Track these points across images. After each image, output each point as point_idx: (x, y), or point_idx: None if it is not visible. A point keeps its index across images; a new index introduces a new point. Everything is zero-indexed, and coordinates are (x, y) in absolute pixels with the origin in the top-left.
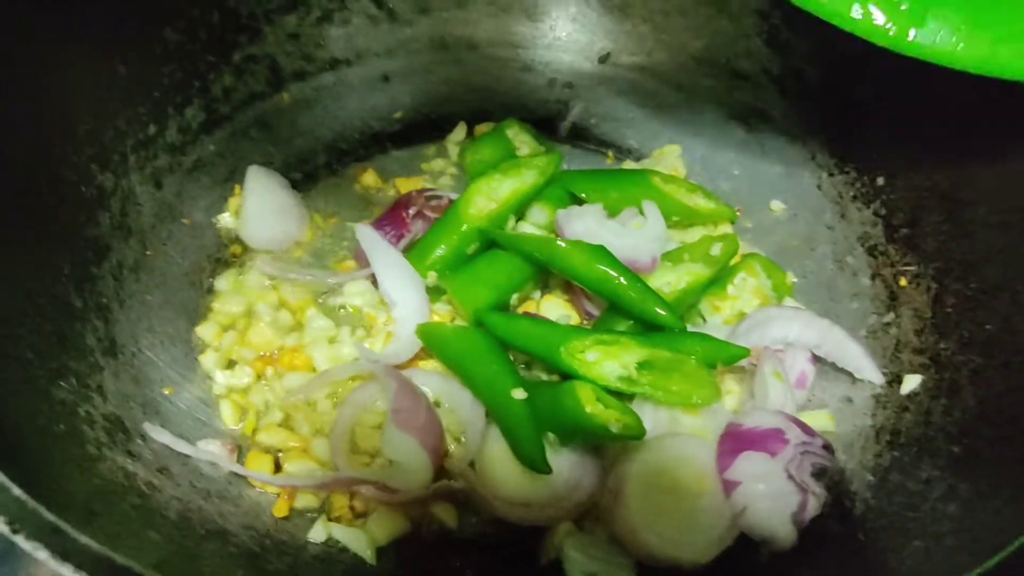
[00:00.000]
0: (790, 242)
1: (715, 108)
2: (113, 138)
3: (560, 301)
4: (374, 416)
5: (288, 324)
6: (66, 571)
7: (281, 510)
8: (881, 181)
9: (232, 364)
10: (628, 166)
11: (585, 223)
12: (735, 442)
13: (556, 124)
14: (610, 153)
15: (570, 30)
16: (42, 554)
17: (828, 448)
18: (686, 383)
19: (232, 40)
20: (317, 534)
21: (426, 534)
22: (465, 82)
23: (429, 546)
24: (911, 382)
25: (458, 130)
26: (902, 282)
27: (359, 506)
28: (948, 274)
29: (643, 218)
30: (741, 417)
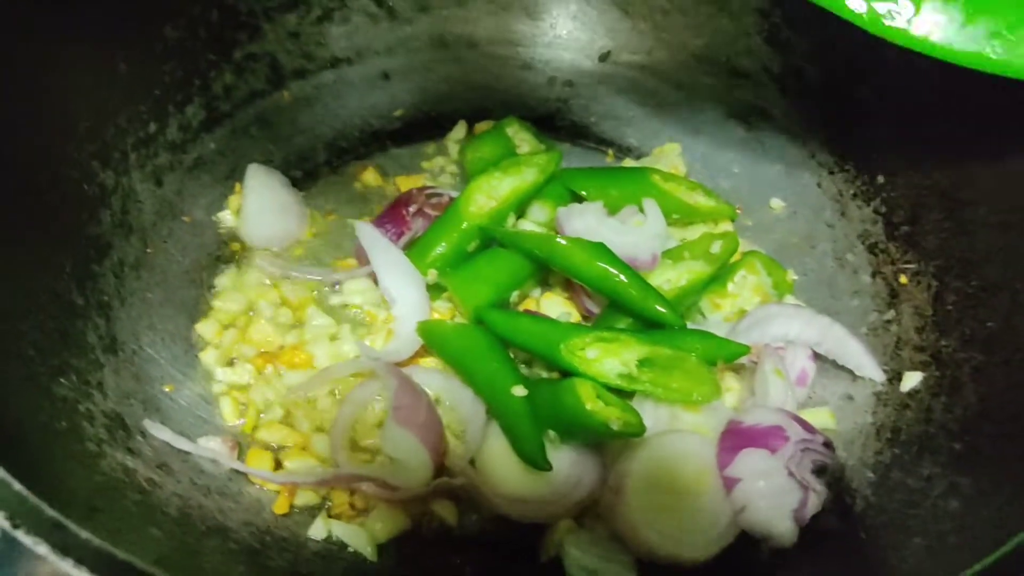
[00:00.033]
0: (790, 240)
1: (715, 106)
2: (114, 136)
3: (560, 299)
4: (374, 413)
5: (288, 322)
6: (66, 566)
7: (281, 507)
8: (881, 179)
9: (232, 361)
10: (628, 164)
11: (585, 221)
12: (736, 439)
13: (556, 122)
14: (610, 151)
15: (570, 28)
16: (43, 549)
17: (829, 445)
18: (686, 380)
19: (232, 38)
20: (317, 531)
21: (426, 531)
22: (465, 80)
23: (429, 543)
24: (912, 379)
25: (458, 128)
26: (902, 279)
27: (359, 503)
28: (949, 271)
29: (643, 216)
30: (742, 414)
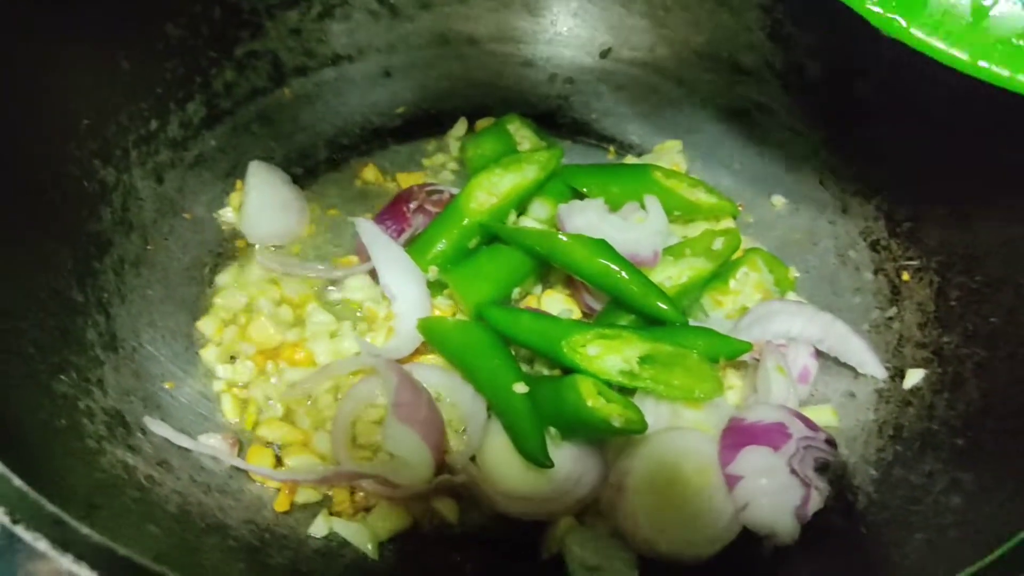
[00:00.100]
0: (792, 237)
1: (717, 103)
2: (115, 133)
3: (561, 296)
4: (375, 411)
5: (289, 319)
6: (66, 562)
7: (282, 504)
8: (883, 175)
9: (233, 359)
10: (629, 161)
11: (587, 217)
12: (737, 436)
13: (557, 119)
14: (611, 148)
15: (571, 25)
16: (42, 545)
17: (831, 442)
18: (688, 377)
19: (234, 36)
20: (318, 528)
21: (427, 529)
22: (466, 77)
23: (430, 541)
24: (914, 376)
25: (459, 125)
26: (904, 276)
27: (360, 500)
28: (951, 268)
29: (645, 212)
30: (743, 412)
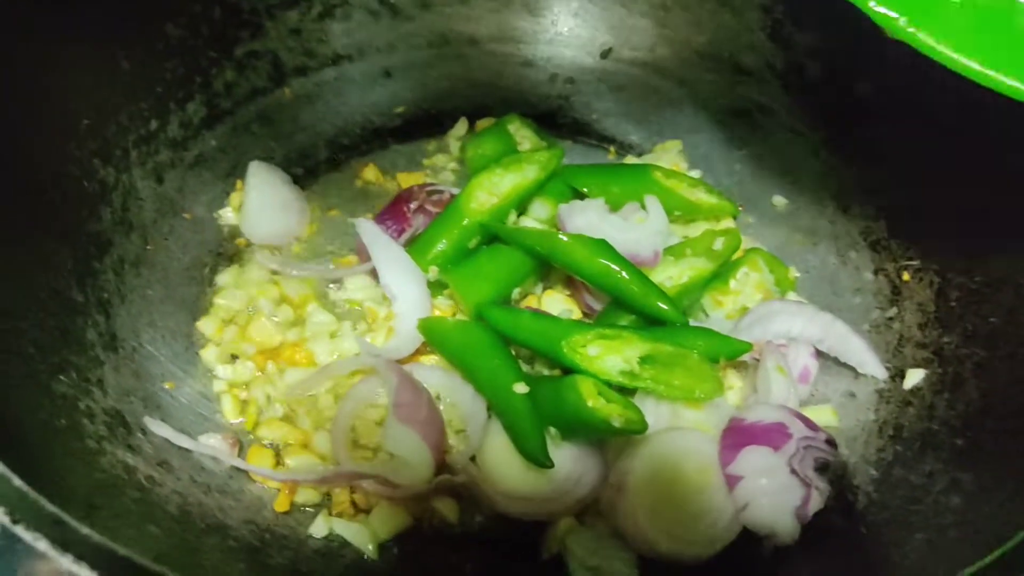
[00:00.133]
0: (792, 237)
1: (717, 103)
2: (115, 133)
3: (562, 296)
4: (375, 411)
5: (289, 319)
6: (66, 562)
7: (282, 505)
8: (883, 175)
9: (233, 359)
10: (630, 161)
11: (587, 217)
12: (738, 437)
13: (557, 119)
14: (612, 148)
15: (572, 25)
16: (42, 545)
17: (831, 443)
18: (688, 377)
19: (234, 35)
20: (318, 529)
21: (427, 529)
22: (466, 77)
23: (430, 541)
24: (914, 376)
25: (459, 125)
26: (905, 276)
27: (360, 501)
28: (951, 268)
29: (645, 213)
30: (744, 412)
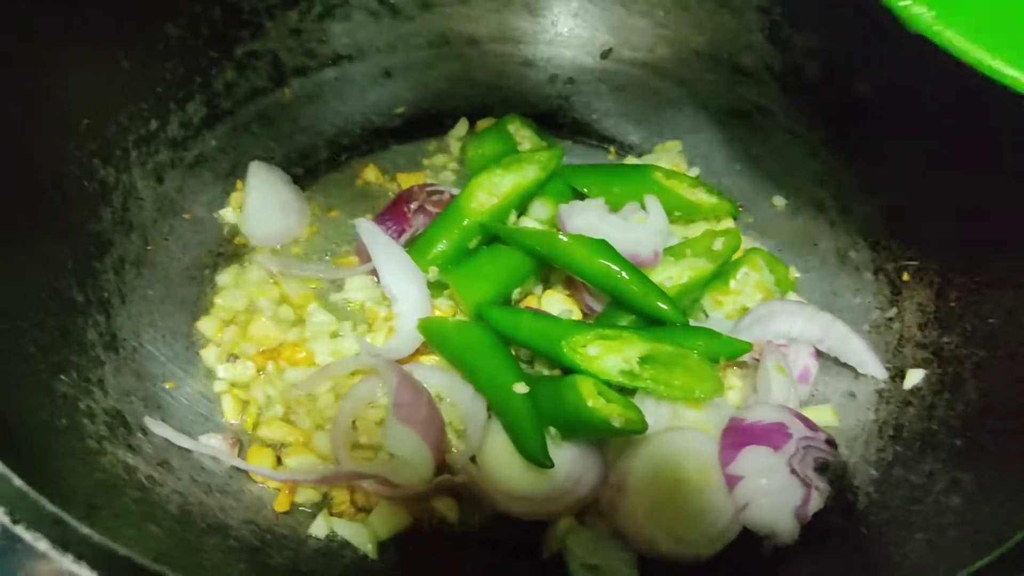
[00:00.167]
0: (792, 237)
1: (717, 103)
2: (115, 133)
3: (562, 296)
4: (375, 411)
5: (289, 319)
6: (66, 562)
7: (282, 505)
8: (883, 176)
9: (233, 359)
10: (630, 161)
11: (587, 218)
12: (738, 436)
13: (557, 119)
14: (612, 149)
15: (572, 25)
16: (43, 545)
17: (831, 443)
18: (688, 377)
19: (234, 35)
20: (318, 529)
21: (427, 529)
22: (467, 78)
23: (430, 541)
24: (914, 377)
25: (460, 125)
26: (905, 277)
27: (360, 501)
28: (951, 268)
29: (645, 213)
30: (744, 412)
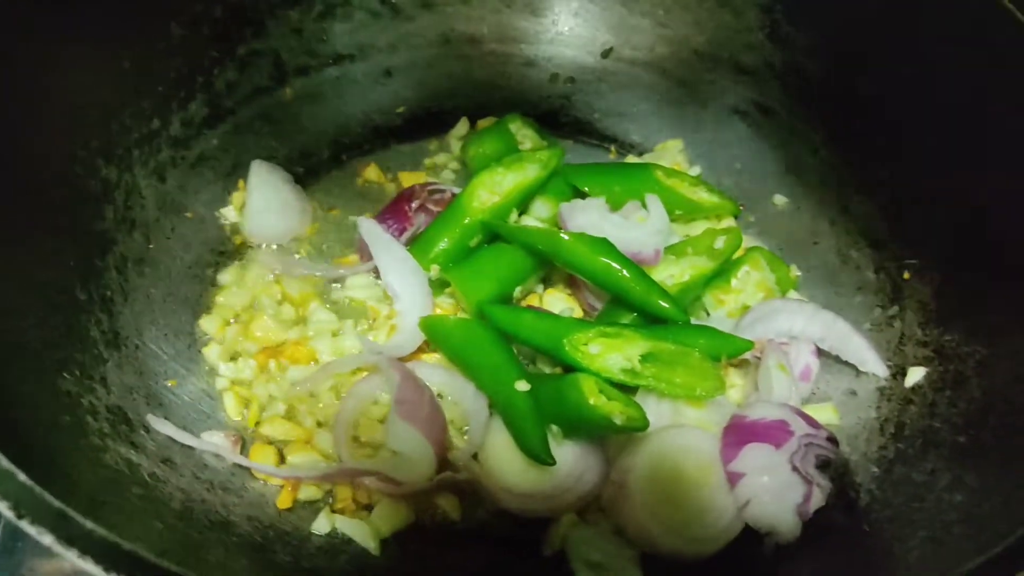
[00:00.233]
0: (793, 236)
1: (718, 102)
2: (117, 133)
3: (563, 294)
4: (378, 408)
5: (291, 317)
6: (71, 556)
7: (285, 502)
8: (884, 174)
9: (235, 357)
10: (631, 160)
11: (588, 216)
12: (739, 434)
13: (559, 118)
14: (613, 148)
15: (572, 25)
16: (47, 539)
17: (832, 440)
18: (690, 375)
19: (236, 35)
20: (321, 526)
21: (430, 526)
22: (468, 77)
23: (433, 538)
24: (915, 374)
25: (461, 125)
26: (906, 275)
27: (363, 498)
28: (952, 266)
29: (646, 212)
30: (745, 409)
